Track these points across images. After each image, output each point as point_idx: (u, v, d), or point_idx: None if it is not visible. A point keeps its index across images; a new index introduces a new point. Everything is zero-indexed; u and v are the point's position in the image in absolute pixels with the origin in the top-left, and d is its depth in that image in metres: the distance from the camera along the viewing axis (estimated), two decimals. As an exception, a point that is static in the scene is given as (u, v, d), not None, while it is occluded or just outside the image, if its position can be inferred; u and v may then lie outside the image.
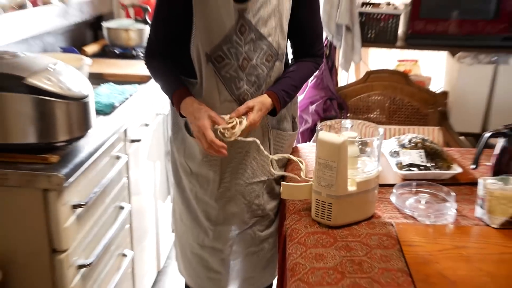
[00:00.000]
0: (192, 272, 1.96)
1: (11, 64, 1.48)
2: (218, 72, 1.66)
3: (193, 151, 1.78)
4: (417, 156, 1.81)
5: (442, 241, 1.42)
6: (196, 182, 1.81)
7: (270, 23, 1.64)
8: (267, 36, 1.65)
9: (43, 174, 1.44)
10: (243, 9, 1.60)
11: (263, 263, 1.93)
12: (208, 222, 1.84)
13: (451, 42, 2.83)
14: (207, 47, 1.62)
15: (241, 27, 1.62)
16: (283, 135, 1.85)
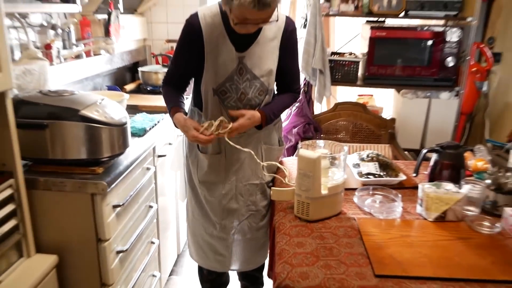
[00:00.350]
0: (203, 255, 1.94)
1: (69, 100, 1.49)
2: (222, 102, 1.67)
3: (203, 164, 1.78)
4: (373, 167, 1.82)
5: (391, 231, 1.42)
6: (205, 188, 1.81)
7: (262, 67, 1.65)
8: (259, 77, 1.66)
9: (92, 182, 1.45)
10: (242, 56, 1.62)
11: (257, 247, 1.92)
12: (215, 217, 1.83)
13: (397, 82, 2.86)
14: (214, 84, 1.64)
15: (240, 69, 1.63)
16: (272, 149, 1.84)
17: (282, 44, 1.67)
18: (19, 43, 1.89)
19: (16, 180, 1.37)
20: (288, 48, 1.70)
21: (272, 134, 1.84)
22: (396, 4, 2.75)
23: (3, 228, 1.32)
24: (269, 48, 1.65)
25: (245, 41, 1.61)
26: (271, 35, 1.64)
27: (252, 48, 1.62)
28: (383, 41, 2.78)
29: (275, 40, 1.65)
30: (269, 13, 1.46)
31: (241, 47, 1.62)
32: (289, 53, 1.71)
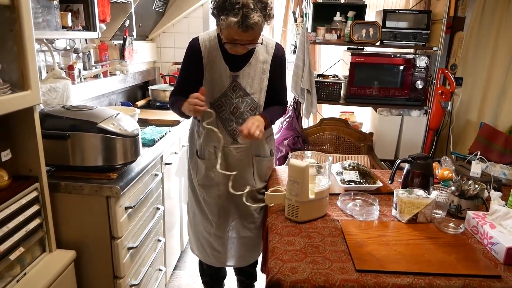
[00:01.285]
0: (202, 251, 1.93)
1: (88, 114, 1.48)
2: (218, 114, 1.68)
3: (201, 169, 1.78)
4: (354, 175, 1.82)
5: (370, 232, 1.42)
6: (204, 190, 1.80)
7: (253, 86, 1.67)
8: (251, 94, 1.67)
9: (107, 186, 1.44)
10: (236, 75, 1.64)
11: (250, 246, 1.90)
12: (212, 216, 1.82)
13: (374, 101, 2.89)
14: (211, 99, 1.66)
15: (234, 86, 1.65)
16: (263, 159, 1.82)
17: (272, 67, 1.68)
18: (46, 64, 1.89)
19: (41, 184, 1.36)
20: (277, 71, 1.71)
21: (263, 146, 1.82)
22: (373, 34, 2.78)
23: (29, 226, 1.30)
24: (260, 70, 1.66)
25: (239, 62, 1.63)
26: (262, 58, 1.66)
27: (245, 69, 1.64)
28: (362, 66, 2.81)
29: (265, 63, 1.67)
30: (254, 35, 1.47)
31: (235, 67, 1.64)
32: (278, 74, 1.73)
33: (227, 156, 1.73)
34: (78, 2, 1.85)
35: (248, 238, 1.88)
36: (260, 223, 1.87)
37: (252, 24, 1.40)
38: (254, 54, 1.64)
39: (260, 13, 1.42)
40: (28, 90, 1.22)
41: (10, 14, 1.17)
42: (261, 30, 1.49)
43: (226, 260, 1.92)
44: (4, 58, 1.20)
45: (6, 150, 1.27)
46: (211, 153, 1.74)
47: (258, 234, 1.88)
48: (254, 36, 1.48)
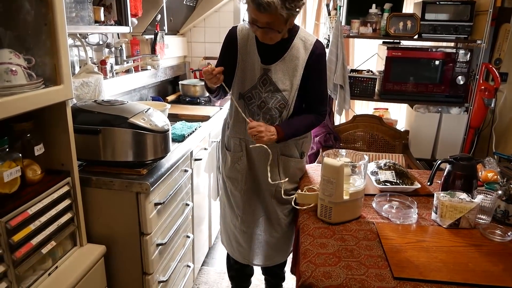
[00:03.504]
0: (229, 243, 1.93)
1: (119, 109, 1.48)
2: (247, 106, 1.65)
3: (228, 160, 1.77)
4: (390, 175, 1.74)
5: (408, 236, 1.35)
6: (230, 182, 1.79)
7: (285, 82, 1.59)
8: (282, 91, 1.60)
9: (137, 182, 1.43)
10: (267, 69, 1.59)
11: (276, 247, 1.85)
12: (238, 210, 1.81)
13: (411, 98, 2.77)
14: (242, 89, 1.64)
15: (264, 80, 1.60)
16: (290, 160, 1.73)
17: (307, 65, 1.58)
18: (79, 59, 1.91)
19: (73, 179, 1.36)
20: (314, 70, 1.60)
21: (291, 147, 1.73)
22: (411, 27, 2.66)
23: (61, 220, 1.31)
24: (294, 66, 1.58)
25: (274, 56, 1.58)
26: (297, 54, 1.58)
27: (278, 63, 1.58)
28: (399, 61, 2.69)
29: (300, 59, 1.58)
30: (270, 17, 1.39)
31: (268, 61, 1.59)
32: (315, 74, 1.61)
33: (251, 150, 1.70)
34: (110, -4, 1.85)
35: (274, 239, 1.83)
36: (288, 225, 1.81)
37: (265, 3, 1.33)
38: (290, 49, 1.58)
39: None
40: (60, 85, 1.22)
41: (44, 8, 1.17)
42: (280, 15, 1.38)
43: (250, 257, 1.89)
44: (37, 52, 1.21)
45: (39, 144, 1.28)
46: (236, 145, 1.73)
47: (285, 236, 1.83)
48: (271, 19, 1.39)
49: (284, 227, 1.81)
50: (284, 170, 1.74)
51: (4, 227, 1.09)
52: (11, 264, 1.12)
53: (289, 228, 1.82)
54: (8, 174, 1.12)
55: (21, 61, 1.15)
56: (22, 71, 1.14)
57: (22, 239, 1.15)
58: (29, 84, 1.14)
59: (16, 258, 1.13)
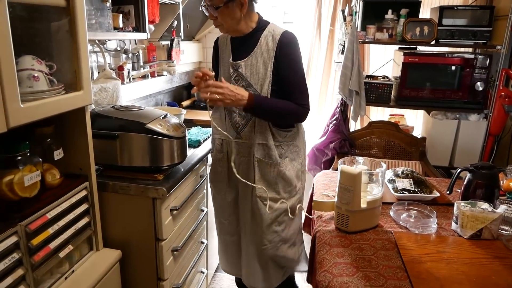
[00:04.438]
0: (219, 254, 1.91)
1: (137, 114, 1.49)
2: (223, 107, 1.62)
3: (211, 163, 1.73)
4: (408, 183, 1.71)
5: (428, 247, 1.32)
6: (213, 186, 1.76)
7: (256, 76, 1.54)
8: (253, 85, 1.54)
9: (153, 188, 1.44)
10: (237, 65, 1.56)
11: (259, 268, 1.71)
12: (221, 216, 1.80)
13: (428, 104, 2.72)
14: None
15: (236, 76, 1.57)
16: (265, 162, 1.60)
17: (276, 56, 1.53)
18: (97, 64, 1.93)
19: (90, 183, 1.38)
20: (284, 60, 1.53)
21: (270, 149, 1.60)
22: (428, 33, 2.63)
23: (78, 224, 1.32)
24: (264, 59, 1.53)
25: (244, 52, 1.56)
26: (267, 47, 1.53)
27: (249, 58, 1.55)
28: (415, 66, 2.66)
29: (270, 52, 1.53)
30: None
31: (240, 57, 1.57)
32: (285, 65, 1.53)
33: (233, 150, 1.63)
34: (129, 3, 1.87)
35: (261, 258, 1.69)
36: (279, 244, 1.67)
37: None
38: (259, 43, 1.54)
39: None
40: (80, 91, 1.24)
41: (65, 15, 1.19)
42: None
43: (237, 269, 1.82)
44: (59, 59, 1.23)
45: (59, 149, 1.29)
46: (217, 145, 1.68)
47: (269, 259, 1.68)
48: None
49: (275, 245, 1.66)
50: (260, 175, 1.61)
51: (23, 231, 1.10)
52: (29, 267, 1.13)
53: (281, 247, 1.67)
54: (28, 178, 1.13)
55: (43, 67, 1.17)
56: (44, 77, 1.16)
57: (41, 243, 1.16)
58: (51, 90, 1.16)
59: (34, 262, 1.14)
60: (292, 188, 1.66)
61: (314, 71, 3.15)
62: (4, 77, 0.95)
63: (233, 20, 1.50)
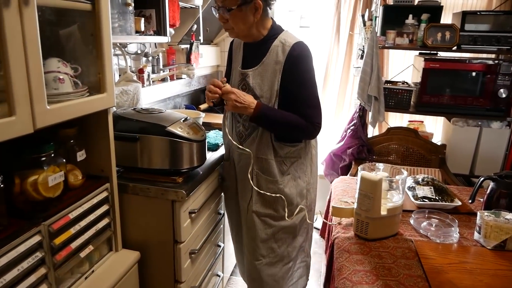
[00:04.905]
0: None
1: (157, 117, 1.50)
2: (232, 113, 1.61)
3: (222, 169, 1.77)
4: (429, 191, 1.69)
5: (449, 256, 1.30)
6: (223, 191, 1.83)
7: (263, 88, 1.49)
8: (260, 97, 1.49)
9: (172, 190, 1.44)
10: (245, 73, 1.53)
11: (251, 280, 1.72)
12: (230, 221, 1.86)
13: (449, 111, 2.68)
14: None
15: (243, 85, 1.53)
16: (264, 178, 1.56)
17: (285, 69, 1.46)
18: (118, 67, 1.96)
19: (111, 185, 1.39)
20: (293, 74, 1.46)
21: (270, 164, 1.54)
22: (449, 38, 2.59)
23: (99, 225, 1.34)
24: (272, 71, 1.47)
25: (254, 60, 1.52)
26: (276, 58, 1.47)
27: (258, 68, 1.50)
28: (436, 72, 2.62)
29: (278, 64, 1.46)
30: None
31: (249, 65, 1.53)
32: (294, 79, 1.46)
33: (235, 157, 1.64)
34: (150, 7, 1.90)
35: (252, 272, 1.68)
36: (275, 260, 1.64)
37: None
38: (268, 52, 1.48)
39: None
40: (104, 93, 1.26)
41: (91, 19, 1.21)
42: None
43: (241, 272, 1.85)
44: (83, 61, 1.25)
45: (81, 150, 1.31)
46: (226, 153, 1.73)
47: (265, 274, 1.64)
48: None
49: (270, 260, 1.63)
50: (258, 188, 1.56)
51: (47, 230, 1.12)
52: (51, 266, 1.15)
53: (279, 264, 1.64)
54: (52, 179, 1.15)
55: (68, 69, 1.19)
56: (69, 80, 1.18)
57: (63, 242, 1.18)
58: (75, 92, 1.18)
59: (56, 261, 1.16)
60: (293, 207, 1.58)
61: (332, 76, 3.13)
62: (32, 80, 0.97)
63: (244, 24, 1.44)
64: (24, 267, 1.05)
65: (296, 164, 1.58)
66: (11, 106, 0.94)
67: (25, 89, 0.96)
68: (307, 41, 1.51)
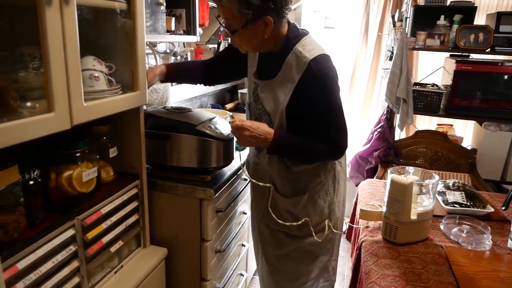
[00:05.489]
0: None
1: (187, 116, 1.52)
2: (250, 118, 1.48)
3: None
4: (460, 196, 1.64)
5: (482, 264, 1.26)
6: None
7: (272, 105, 1.33)
8: (268, 112, 1.35)
9: (201, 189, 1.46)
10: (257, 84, 1.39)
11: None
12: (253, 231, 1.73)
13: (480, 114, 2.60)
14: (248, 99, 1.48)
15: (256, 96, 1.40)
16: (278, 196, 1.43)
17: (298, 89, 1.26)
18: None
19: (141, 181, 1.42)
20: (310, 96, 1.26)
21: (283, 184, 1.42)
22: (483, 40, 2.51)
23: (129, 221, 1.37)
24: (284, 89, 1.29)
25: (269, 69, 1.35)
26: (289, 75, 1.28)
27: (271, 81, 1.32)
28: (468, 75, 2.55)
29: (291, 81, 1.27)
30: (223, 12, 1.22)
31: (264, 75, 1.37)
32: (312, 101, 1.26)
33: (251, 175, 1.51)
34: (181, 7, 1.93)
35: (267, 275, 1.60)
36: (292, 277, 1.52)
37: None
38: (282, 67, 1.30)
39: None
40: (137, 91, 1.28)
41: (126, 18, 1.24)
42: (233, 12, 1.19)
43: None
44: (117, 60, 1.28)
45: (113, 147, 1.34)
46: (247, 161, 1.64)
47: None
48: (223, 13, 1.22)
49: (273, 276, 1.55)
50: (272, 204, 1.43)
51: (80, 225, 1.15)
52: (83, 260, 1.18)
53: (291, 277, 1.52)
54: (86, 174, 1.18)
55: (103, 67, 1.22)
56: (103, 77, 1.21)
57: (95, 237, 1.21)
58: (109, 90, 1.21)
59: (88, 255, 1.19)
60: (311, 228, 1.41)
61: (359, 77, 3.09)
62: (70, 77, 1.00)
63: (254, 42, 1.27)
64: (59, 259, 1.08)
65: (314, 182, 1.40)
66: (50, 103, 0.97)
67: (64, 86, 0.99)
68: (331, 42, 1.39)
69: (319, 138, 1.30)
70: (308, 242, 1.44)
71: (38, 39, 0.95)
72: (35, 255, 1.01)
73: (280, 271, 1.53)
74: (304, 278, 1.51)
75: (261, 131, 1.28)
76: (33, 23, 0.93)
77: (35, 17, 0.91)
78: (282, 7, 1.21)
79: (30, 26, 0.99)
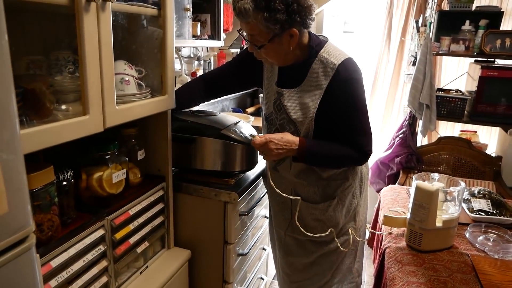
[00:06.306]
0: None
1: (212, 120, 1.54)
2: (269, 131, 1.44)
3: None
4: (485, 204, 1.62)
5: (510, 274, 1.24)
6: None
7: (298, 113, 1.32)
8: (294, 121, 1.33)
9: (225, 192, 1.47)
10: (281, 93, 1.36)
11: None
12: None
13: (506, 121, 2.55)
14: (266, 111, 1.45)
15: (278, 105, 1.37)
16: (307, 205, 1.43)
17: (327, 95, 1.27)
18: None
19: (167, 184, 1.45)
20: (339, 101, 1.27)
21: (313, 191, 1.42)
22: (510, 45, 2.47)
23: (154, 222, 1.40)
24: (311, 96, 1.29)
25: (292, 78, 1.34)
26: (316, 82, 1.29)
27: (296, 90, 1.33)
28: (493, 80, 2.50)
29: (319, 88, 1.28)
30: (247, 27, 1.22)
31: (286, 84, 1.35)
32: (341, 106, 1.27)
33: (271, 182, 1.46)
34: (206, 12, 1.96)
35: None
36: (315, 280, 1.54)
37: (238, 8, 1.17)
38: (308, 75, 1.30)
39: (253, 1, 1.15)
40: (165, 95, 1.31)
41: (156, 24, 1.27)
42: (259, 26, 1.19)
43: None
44: (148, 64, 1.31)
45: (141, 149, 1.38)
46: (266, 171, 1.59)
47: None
48: (249, 29, 1.22)
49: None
50: (300, 215, 1.42)
51: (109, 225, 1.18)
52: (112, 259, 1.21)
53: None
54: (116, 176, 1.22)
55: (133, 72, 1.26)
56: (134, 81, 1.25)
57: (122, 237, 1.24)
58: (139, 94, 1.25)
59: (116, 255, 1.22)
60: (338, 232, 1.44)
61: (381, 82, 3.08)
62: (105, 81, 1.04)
63: (280, 55, 1.27)
64: (89, 258, 1.11)
65: (343, 186, 1.42)
66: (85, 106, 1.00)
67: (98, 90, 1.03)
68: (351, 46, 1.37)
69: (345, 144, 1.31)
70: (333, 247, 1.47)
71: (73, 44, 0.99)
72: (68, 254, 1.04)
73: (305, 278, 1.54)
74: (329, 281, 1.54)
75: (285, 141, 1.28)
76: (69, 28, 0.97)
77: (70, 22, 0.95)
78: (307, 18, 1.22)
79: (66, 32, 1.03)
